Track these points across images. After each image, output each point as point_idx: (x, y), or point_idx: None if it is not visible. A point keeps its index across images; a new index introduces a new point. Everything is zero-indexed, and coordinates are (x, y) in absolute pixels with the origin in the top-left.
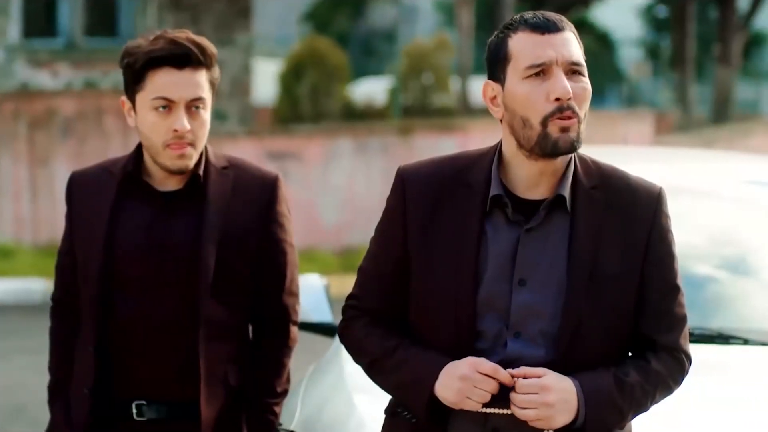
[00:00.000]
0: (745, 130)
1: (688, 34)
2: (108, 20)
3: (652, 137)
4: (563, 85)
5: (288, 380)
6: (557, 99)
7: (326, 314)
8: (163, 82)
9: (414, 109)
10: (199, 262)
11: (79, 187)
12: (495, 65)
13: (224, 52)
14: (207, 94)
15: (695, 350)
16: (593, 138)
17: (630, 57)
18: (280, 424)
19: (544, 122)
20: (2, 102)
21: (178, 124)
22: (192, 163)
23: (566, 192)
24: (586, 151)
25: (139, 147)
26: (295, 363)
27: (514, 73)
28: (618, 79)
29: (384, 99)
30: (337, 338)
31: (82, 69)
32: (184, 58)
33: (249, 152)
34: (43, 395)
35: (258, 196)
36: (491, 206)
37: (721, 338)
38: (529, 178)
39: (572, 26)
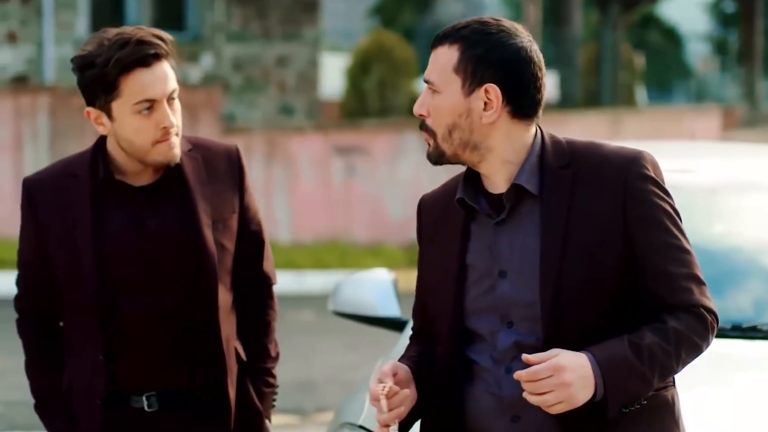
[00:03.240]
0: None
1: (756, 29)
2: (175, 14)
3: (719, 132)
4: (416, 103)
5: (276, 344)
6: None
7: (394, 309)
8: (140, 84)
9: None
10: (202, 248)
11: (40, 193)
12: None
13: (291, 46)
14: (176, 83)
15: (758, 347)
16: (660, 133)
17: (697, 52)
18: (278, 386)
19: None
20: (71, 96)
21: (166, 121)
22: (179, 152)
23: (523, 179)
24: (654, 147)
25: (100, 147)
26: (362, 357)
27: None
28: (685, 74)
29: None
30: (404, 333)
31: None
32: (153, 55)
33: (316, 146)
34: None
35: (228, 170)
36: (468, 210)
37: None
38: (483, 177)
39: (464, 34)
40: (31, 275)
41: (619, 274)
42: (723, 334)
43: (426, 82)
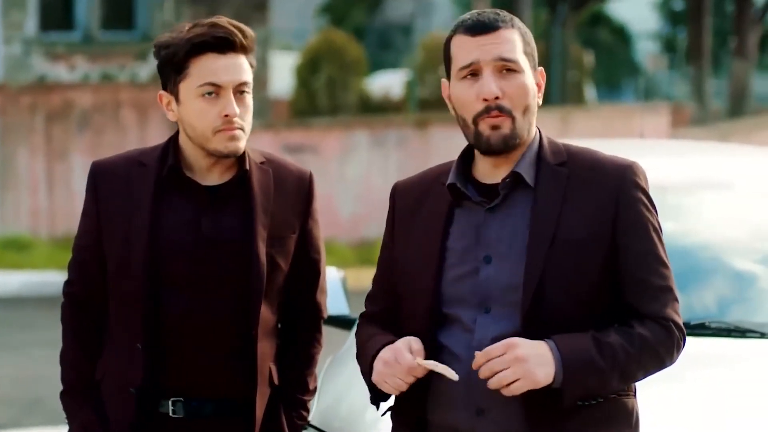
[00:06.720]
0: (761, 124)
1: (705, 27)
2: (125, 14)
3: (668, 130)
4: (488, 86)
5: (316, 377)
6: (484, 99)
7: (343, 307)
8: (209, 67)
9: (431, 102)
10: (253, 259)
11: (105, 178)
12: (446, 66)
13: None
14: (250, 78)
15: (718, 344)
16: (610, 131)
17: (646, 50)
18: (309, 421)
19: (475, 121)
20: (19, 95)
21: (228, 109)
22: (242, 146)
23: (523, 169)
24: (603, 144)
25: (174, 140)
26: None
27: (453, 74)
28: (634, 72)
29: (401, 92)
30: (353, 331)
31: (98, 62)
32: (227, 42)
33: (266, 145)
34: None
35: (297, 192)
36: (456, 196)
37: (738, 332)
38: (486, 168)
39: (515, 22)
40: (83, 259)
41: (602, 274)
42: None
43: (504, 60)
